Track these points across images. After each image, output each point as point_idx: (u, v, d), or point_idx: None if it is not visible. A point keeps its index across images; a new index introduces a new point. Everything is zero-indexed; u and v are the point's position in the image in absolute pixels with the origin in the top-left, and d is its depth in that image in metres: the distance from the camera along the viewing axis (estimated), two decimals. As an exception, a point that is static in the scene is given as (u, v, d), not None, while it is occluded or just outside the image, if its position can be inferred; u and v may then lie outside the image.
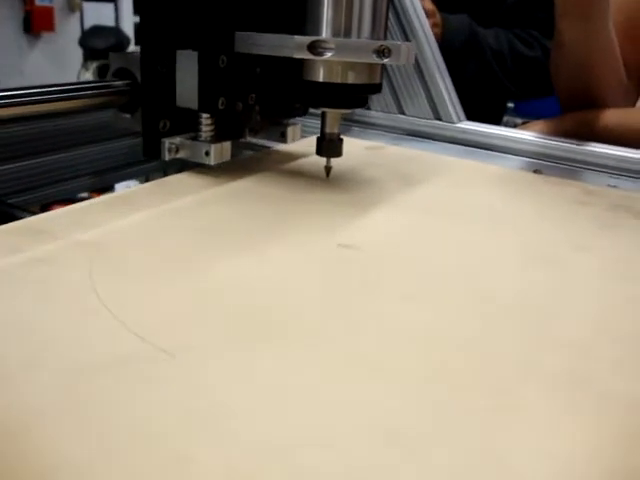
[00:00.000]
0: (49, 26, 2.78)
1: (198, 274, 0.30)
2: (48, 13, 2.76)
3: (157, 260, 0.31)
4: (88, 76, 2.50)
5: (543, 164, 0.59)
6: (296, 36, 0.40)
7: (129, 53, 0.44)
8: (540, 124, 0.69)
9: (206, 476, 0.17)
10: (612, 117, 0.65)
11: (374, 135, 0.65)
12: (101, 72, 2.41)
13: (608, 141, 0.60)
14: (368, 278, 0.31)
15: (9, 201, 0.49)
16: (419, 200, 0.44)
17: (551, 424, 0.20)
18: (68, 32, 2.82)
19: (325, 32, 0.40)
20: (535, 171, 0.54)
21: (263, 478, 0.17)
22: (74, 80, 2.57)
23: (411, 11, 0.62)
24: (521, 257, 0.34)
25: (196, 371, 0.22)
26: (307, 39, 0.39)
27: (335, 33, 0.40)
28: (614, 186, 0.52)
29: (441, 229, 0.39)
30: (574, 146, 0.59)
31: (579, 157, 0.58)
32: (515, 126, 0.73)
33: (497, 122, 0.71)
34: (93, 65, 2.51)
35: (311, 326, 0.26)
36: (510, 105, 2.54)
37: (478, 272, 0.32)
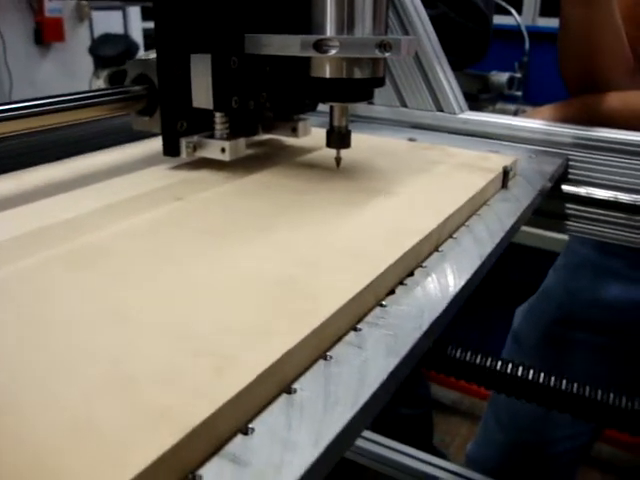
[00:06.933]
0: (59, 36, 2.82)
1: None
2: (58, 24, 2.80)
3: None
4: (100, 84, 2.53)
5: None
6: (302, 35, 0.42)
7: (146, 60, 0.47)
8: (546, 110, 0.70)
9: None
10: (616, 101, 0.66)
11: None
12: (112, 79, 2.45)
13: (612, 125, 0.62)
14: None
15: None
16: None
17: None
18: (78, 41, 2.86)
19: (329, 30, 0.43)
20: (410, 139, 0.61)
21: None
22: (86, 88, 2.60)
23: (410, 7, 0.64)
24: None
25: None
26: (312, 38, 0.42)
27: (338, 31, 0.42)
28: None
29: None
30: (571, 130, 0.61)
31: (568, 140, 0.61)
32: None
33: None
34: (104, 73, 2.54)
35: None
36: (518, 93, 2.53)
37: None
